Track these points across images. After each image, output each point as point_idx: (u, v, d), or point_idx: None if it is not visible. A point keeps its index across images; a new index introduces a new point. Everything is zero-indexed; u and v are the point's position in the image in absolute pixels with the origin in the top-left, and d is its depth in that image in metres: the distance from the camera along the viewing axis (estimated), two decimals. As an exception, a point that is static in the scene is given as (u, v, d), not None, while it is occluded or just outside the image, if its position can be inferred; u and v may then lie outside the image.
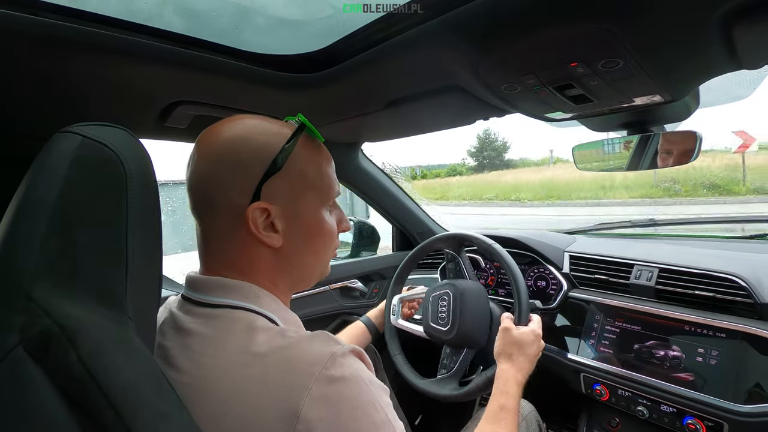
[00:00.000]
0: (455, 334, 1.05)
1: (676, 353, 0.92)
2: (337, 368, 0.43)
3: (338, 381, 0.43)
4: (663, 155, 0.90)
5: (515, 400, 0.79)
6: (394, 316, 1.22)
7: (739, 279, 0.91)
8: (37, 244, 0.37)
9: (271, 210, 0.51)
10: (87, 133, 0.41)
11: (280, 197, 0.52)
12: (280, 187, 0.52)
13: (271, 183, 0.51)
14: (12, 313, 0.35)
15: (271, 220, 0.52)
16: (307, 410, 0.40)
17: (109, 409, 0.33)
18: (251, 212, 0.50)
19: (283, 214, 0.52)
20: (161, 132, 0.94)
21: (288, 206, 0.53)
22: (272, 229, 0.52)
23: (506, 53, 0.63)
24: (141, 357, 0.38)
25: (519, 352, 0.87)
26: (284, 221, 0.53)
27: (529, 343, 0.88)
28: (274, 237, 0.52)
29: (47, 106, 0.74)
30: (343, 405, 0.42)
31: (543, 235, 1.37)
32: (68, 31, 0.57)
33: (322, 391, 0.41)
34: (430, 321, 1.12)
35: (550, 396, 1.29)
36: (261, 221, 0.51)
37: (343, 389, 0.42)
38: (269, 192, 0.51)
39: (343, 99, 0.93)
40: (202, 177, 0.52)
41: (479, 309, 1.07)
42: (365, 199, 1.59)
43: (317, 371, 0.42)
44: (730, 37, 0.54)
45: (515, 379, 0.82)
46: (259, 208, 0.50)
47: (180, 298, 0.55)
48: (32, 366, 0.34)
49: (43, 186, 0.39)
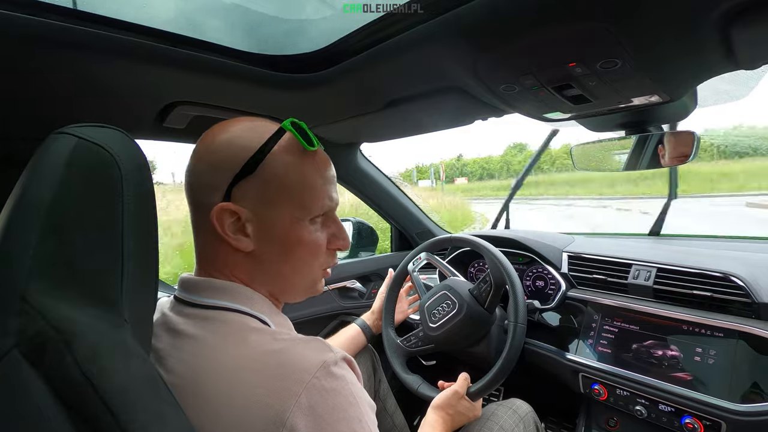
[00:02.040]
0: (436, 336, 1.09)
1: (674, 353, 0.92)
2: (327, 378, 0.43)
3: (327, 392, 0.42)
4: (661, 155, 0.90)
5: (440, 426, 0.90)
6: None
7: (736, 278, 0.91)
8: (32, 246, 0.36)
9: (241, 213, 0.50)
10: (82, 134, 0.41)
11: (251, 201, 0.50)
12: (253, 191, 0.50)
13: (243, 185, 0.50)
14: (7, 315, 0.34)
15: (242, 224, 0.51)
16: (293, 418, 0.40)
17: (106, 412, 0.33)
18: (217, 212, 0.49)
19: (255, 219, 0.51)
20: (159, 132, 0.94)
21: (261, 212, 0.51)
22: (242, 232, 0.51)
23: (505, 53, 0.63)
24: (137, 359, 0.37)
25: (453, 416, 0.94)
26: (255, 226, 0.51)
27: (464, 413, 0.96)
28: (244, 241, 0.51)
29: (43, 107, 0.73)
30: (329, 417, 0.42)
31: (541, 235, 1.38)
32: (64, 32, 0.57)
33: (310, 401, 0.41)
34: (426, 305, 1.15)
35: (548, 395, 1.29)
36: (229, 223, 0.50)
37: (330, 401, 0.42)
38: (241, 194, 0.50)
39: (342, 99, 0.93)
40: (190, 176, 0.52)
41: (476, 336, 1.09)
42: (364, 199, 1.59)
43: (307, 379, 0.42)
44: (728, 36, 0.54)
45: (441, 427, 0.91)
46: (228, 210, 0.50)
47: (172, 300, 0.55)
48: (28, 369, 0.33)
49: (39, 187, 0.38)
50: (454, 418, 0.94)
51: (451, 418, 0.94)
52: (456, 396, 0.96)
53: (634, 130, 0.92)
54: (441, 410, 0.94)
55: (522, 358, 1.18)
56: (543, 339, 1.14)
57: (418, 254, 1.27)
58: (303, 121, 0.54)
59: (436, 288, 1.17)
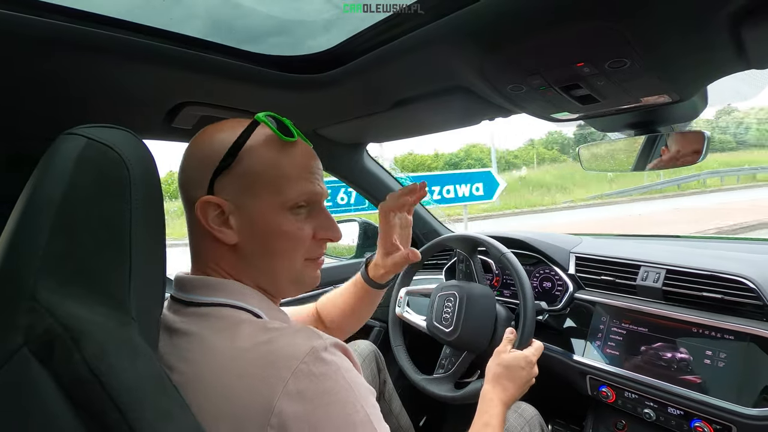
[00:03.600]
0: (457, 336, 1.06)
1: (683, 355, 0.91)
2: (316, 364, 0.43)
3: (316, 377, 0.42)
4: (670, 156, 0.89)
5: (498, 420, 0.78)
6: (399, 308, 1.23)
7: (747, 281, 0.90)
8: (41, 244, 0.37)
9: (223, 206, 0.52)
10: (91, 134, 0.41)
11: (231, 193, 0.52)
12: (231, 184, 0.52)
13: (222, 179, 0.52)
14: (17, 313, 0.35)
15: (226, 216, 0.52)
16: (281, 404, 0.40)
17: (114, 409, 0.33)
18: (201, 205, 0.51)
19: (237, 211, 0.53)
20: (168, 133, 0.95)
21: (241, 203, 0.52)
22: (226, 225, 0.53)
23: (512, 53, 0.63)
24: (144, 357, 0.38)
25: (507, 377, 0.86)
26: (238, 218, 0.53)
27: (518, 369, 0.87)
28: (227, 233, 0.52)
29: (53, 107, 0.74)
30: (318, 401, 0.42)
31: (549, 236, 1.37)
32: (74, 33, 0.58)
33: (298, 386, 0.41)
34: (434, 319, 1.13)
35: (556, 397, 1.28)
36: (213, 216, 0.52)
37: (319, 385, 0.42)
38: (221, 187, 0.52)
39: (349, 99, 0.93)
40: (180, 174, 0.55)
41: (485, 315, 1.07)
42: (370, 199, 1.59)
43: (295, 365, 0.42)
44: (739, 36, 0.53)
45: (500, 400, 0.82)
46: (211, 203, 0.51)
47: (169, 299, 0.56)
48: (37, 367, 0.34)
49: (48, 187, 0.39)
50: (504, 383, 0.85)
51: (501, 385, 0.85)
52: (499, 356, 0.89)
53: (643, 130, 0.91)
54: (488, 380, 0.87)
55: None
56: (550, 340, 1.14)
57: (398, 295, 1.28)
58: (309, 121, 0.55)
59: (431, 301, 1.18)
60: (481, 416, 0.80)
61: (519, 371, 0.87)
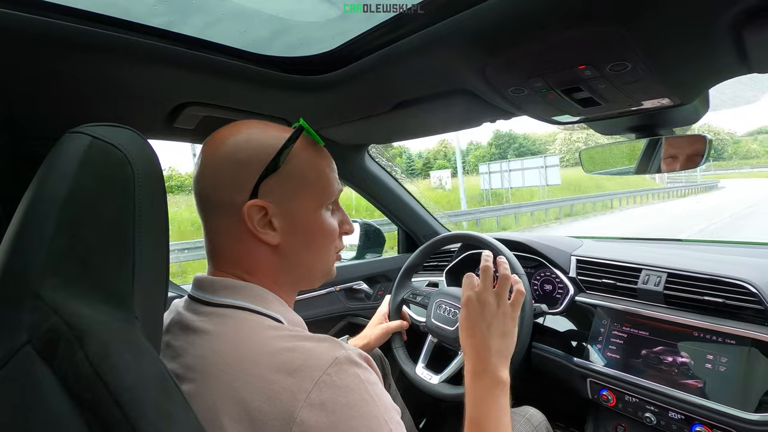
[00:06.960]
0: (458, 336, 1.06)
1: (684, 359, 0.91)
2: (339, 375, 0.43)
3: (339, 388, 0.42)
4: (671, 159, 0.89)
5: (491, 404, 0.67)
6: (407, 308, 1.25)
7: (749, 285, 0.89)
8: (45, 243, 0.37)
9: (268, 208, 0.53)
10: (96, 133, 0.42)
11: (277, 195, 0.53)
12: (278, 186, 0.53)
13: (268, 182, 0.53)
14: (21, 311, 0.35)
15: (269, 218, 0.54)
16: (303, 414, 0.40)
17: (116, 408, 0.33)
18: (247, 209, 0.52)
19: (280, 212, 0.54)
20: (169, 132, 0.95)
21: (285, 204, 0.54)
22: (270, 227, 0.54)
23: (513, 56, 0.63)
24: (147, 357, 0.38)
25: (469, 320, 0.71)
26: (282, 219, 0.54)
27: (475, 305, 0.71)
28: (272, 234, 0.54)
29: (57, 106, 0.75)
30: (341, 413, 0.41)
31: (550, 239, 1.37)
32: (77, 33, 0.58)
33: (321, 397, 0.41)
34: (433, 318, 1.14)
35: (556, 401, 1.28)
36: (258, 218, 0.53)
37: (341, 397, 0.42)
38: (267, 190, 0.53)
39: (351, 101, 0.93)
40: (207, 178, 0.54)
41: None
42: (371, 200, 1.59)
43: (318, 376, 0.42)
44: (741, 39, 0.53)
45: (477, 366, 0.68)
46: (256, 206, 0.52)
47: (187, 299, 0.56)
48: (41, 365, 0.34)
49: (52, 185, 0.39)
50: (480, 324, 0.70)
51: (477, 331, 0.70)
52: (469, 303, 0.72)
53: (645, 133, 0.91)
54: (462, 339, 0.73)
55: (529, 363, 1.17)
56: (550, 344, 1.13)
57: (396, 300, 1.27)
58: (311, 122, 0.56)
59: (430, 304, 1.18)
60: (468, 413, 0.69)
61: (477, 306, 0.71)
